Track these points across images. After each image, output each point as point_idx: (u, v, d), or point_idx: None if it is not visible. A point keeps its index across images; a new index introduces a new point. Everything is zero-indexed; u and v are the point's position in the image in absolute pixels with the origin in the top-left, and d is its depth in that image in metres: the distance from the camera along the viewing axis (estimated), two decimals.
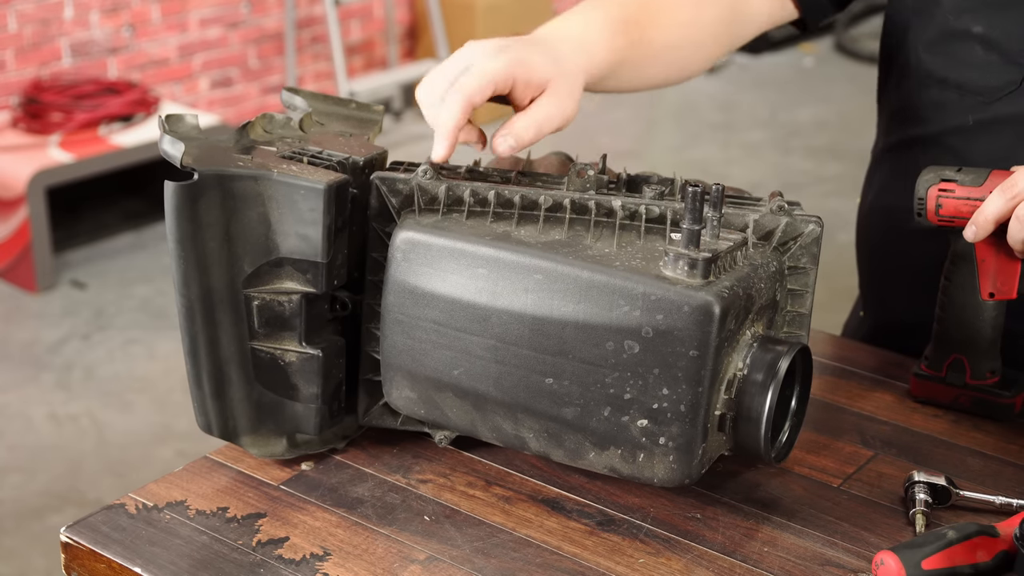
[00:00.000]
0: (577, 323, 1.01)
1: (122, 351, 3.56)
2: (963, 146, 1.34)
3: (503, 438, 1.08)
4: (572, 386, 1.02)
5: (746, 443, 1.03)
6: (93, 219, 4.28)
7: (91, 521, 1.07)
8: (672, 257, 1.00)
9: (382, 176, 1.11)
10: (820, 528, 1.08)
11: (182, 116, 1.10)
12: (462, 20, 5.17)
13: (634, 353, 1.00)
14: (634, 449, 1.02)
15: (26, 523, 2.83)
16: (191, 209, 1.05)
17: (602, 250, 1.04)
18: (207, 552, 1.04)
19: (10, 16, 4.19)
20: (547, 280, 1.02)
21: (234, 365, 1.10)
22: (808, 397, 1.09)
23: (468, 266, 1.04)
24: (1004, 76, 1.30)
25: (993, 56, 1.30)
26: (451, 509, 1.10)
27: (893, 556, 0.99)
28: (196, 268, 1.06)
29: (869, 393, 1.29)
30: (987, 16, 1.30)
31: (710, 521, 1.09)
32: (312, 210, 1.06)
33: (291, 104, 1.21)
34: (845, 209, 3.78)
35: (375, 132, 1.21)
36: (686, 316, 0.98)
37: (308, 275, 1.09)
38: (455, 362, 1.06)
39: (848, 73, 5.96)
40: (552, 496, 1.12)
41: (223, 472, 1.14)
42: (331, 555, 1.04)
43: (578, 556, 1.04)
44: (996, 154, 1.30)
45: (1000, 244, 1.19)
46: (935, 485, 1.10)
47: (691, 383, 0.99)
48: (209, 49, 4.74)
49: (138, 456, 3.09)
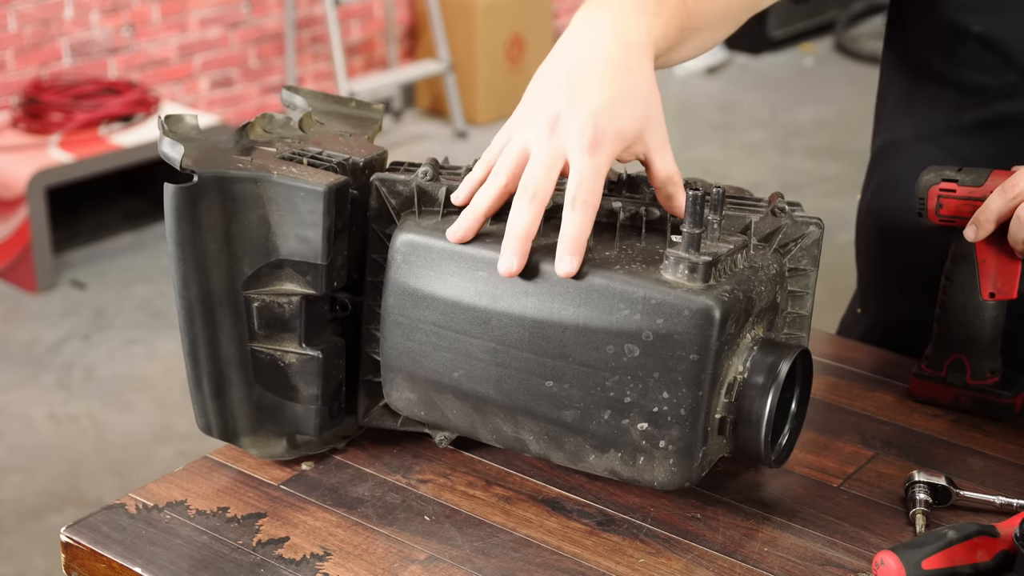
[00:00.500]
0: (577, 326, 1.01)
1: (122, 351, 3.56)
2: (960, 146, 1.34)
3: (503, 440, 1.08)
4: (572, 389, 1.02)
5: (746, 446, 1.03)
6: (93, 219, 4.28)
7: (91, 521, 1.07)
8: (672, 261, 1.00)
9: (382, 177, 1.10)
10: (820, 528, 1.08)
11: (181, 117, 1.10)
12: (462, 20, 5.17)
13: (634, 356, 1.00)
14: (634, 452, 1.02)
15: (26, 523, 2.83)
16: (191, 211, 1.05)
17: (602, 253, 1.04)
18: (207, 552, 1.04)
19: (10, 16, 4.19)
20: (547, 283, 1.02)
21: (234, 366, 1.10)
22: (808, 400, 1.09)
23: (468, 268, 1.04)
24: (1002, 77, 1.30)
25: (992, 56, 1.30)
26: (451, 509, 1.10)
27: (893, 556, 0.99)
28: (196, 270, 1.06)
29: (869, 393, 1.29)
30: (987, 16, 1.30)
31: (710, 521, 1.09)
32: (312, 212, 1.06)
33: (291, 103, 1.21)
34: (845, 209, 3.78)
35: (375, 131, 1.21)
36: (686, 320, 0.98)
37: (308, 277, 1.09)
38: (455, 364, 1.06)
39: (848, 73, 5.96)
40: (552, 496, 1.12)
41: (223, 472, 1.14)
42: (331, 555, 1.04)
43: (578, 556, 1.04)
44: (993, 155, 1.30)
45: (1001, 244, 1.19)
46: (935, 485, 1.10)
47: (691, 386, 0.99)
48: (209, 49, 4.74)
49: (138, 456, 3.09)
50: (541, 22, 5.43)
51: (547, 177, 1.00)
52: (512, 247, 1.00)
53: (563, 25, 5.93)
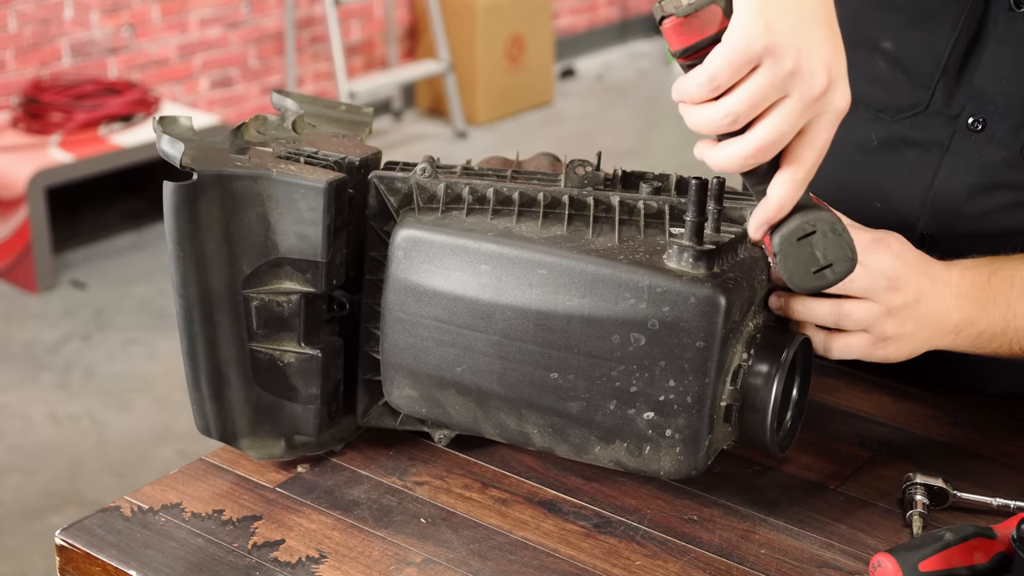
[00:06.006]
0: (583, 317, 1.01)
1: (122, 351, 3.56)
2: (866, 164, 1.32)
3: (506, 434, 1.08)
4: (577, 380, 1.03)
5: (752, 433, 1.04)
6: (93, 219, 4.28)
7: (86, 524, 1.07)
8: (676, 250, 1.01)
9: (380, 175, 1.11)
10: (817, 530, 1.08)
11: (176, 118, 1.10)
12: (462, 20, 5.17)
13: (640, 346, 1.00)
14: (640, 442, 1.03)
15: (26, 523, 2.83)
16: (190, 209, 1.05)
17: (604, 244, 1.04)
18: (202, 555, 1.04)
19: (10, 16, 4.19)
20: (552, 275, 1.02)
21: (233, 367, 1.10)
22: (808, 388, 1.10)
23: (471, 262, 1.05)
24: (910, 97, 1.28)
25: (899, 75, 1.28)
26: (447, 511, 1.10)
27: (890, 558, 0.98)
28: (195, 269, 1.06)
29: (867, 394, 1.29)
30: (897, 33, 1.28)
31: (707, 523, 1.09)
32: (312, 209, 1.06)
33: (282, 106, 1.21)
34: None
35: (366, 133, 1.21)
36: (692, 307, 0.99)
37: (307, 275, 1.09)
38: (458, 359, 1.06)
39: None
40: (549, 498, 1.12)
41: (219, 474, 1.14)
42: (327, 558, 1.03)
43: (575, 558, 1.04)
44: (898, 176, 1.29)
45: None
46: (932, 487, 1.10)
47: (698, 374, 1.00)
48: (209, 49, 4.74)
49: (138, 456, 3.09)
50: (541, 22, 5.43)
51: None
52: None
53: (563, 25, 5.93)
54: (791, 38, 0.91)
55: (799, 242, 0.98)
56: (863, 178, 1.31)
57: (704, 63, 0.91)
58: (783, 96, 0.92)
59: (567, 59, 5.95)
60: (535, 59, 5.40)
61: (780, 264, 0.98)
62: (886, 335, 1.12)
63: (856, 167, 1.32)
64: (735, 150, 0.94)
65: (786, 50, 0.90)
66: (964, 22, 1.24)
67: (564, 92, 5.65)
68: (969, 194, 1.26)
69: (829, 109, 0.94)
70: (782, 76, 0.91)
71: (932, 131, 1.27)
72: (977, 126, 1.25)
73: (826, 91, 0.93)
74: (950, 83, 1.26)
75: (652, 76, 5.88)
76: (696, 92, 0.92)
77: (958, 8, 1.24)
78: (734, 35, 0.90)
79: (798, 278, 0.99)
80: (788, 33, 0.90)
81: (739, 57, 0.90)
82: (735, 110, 0.92)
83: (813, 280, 0.99)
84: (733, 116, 0.92)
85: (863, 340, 1.12)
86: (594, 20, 6.13)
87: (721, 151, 0.95)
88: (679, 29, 0.92)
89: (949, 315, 1.13)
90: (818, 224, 0.98)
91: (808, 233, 0.98)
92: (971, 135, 1.25)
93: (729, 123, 0.92)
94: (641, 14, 6.30)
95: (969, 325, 1.14)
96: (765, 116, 0.93)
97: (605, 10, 6.16)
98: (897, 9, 1.28)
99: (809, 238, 0.98)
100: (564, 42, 5.92)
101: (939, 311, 1.13)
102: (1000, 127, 1.24)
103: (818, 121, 0.94)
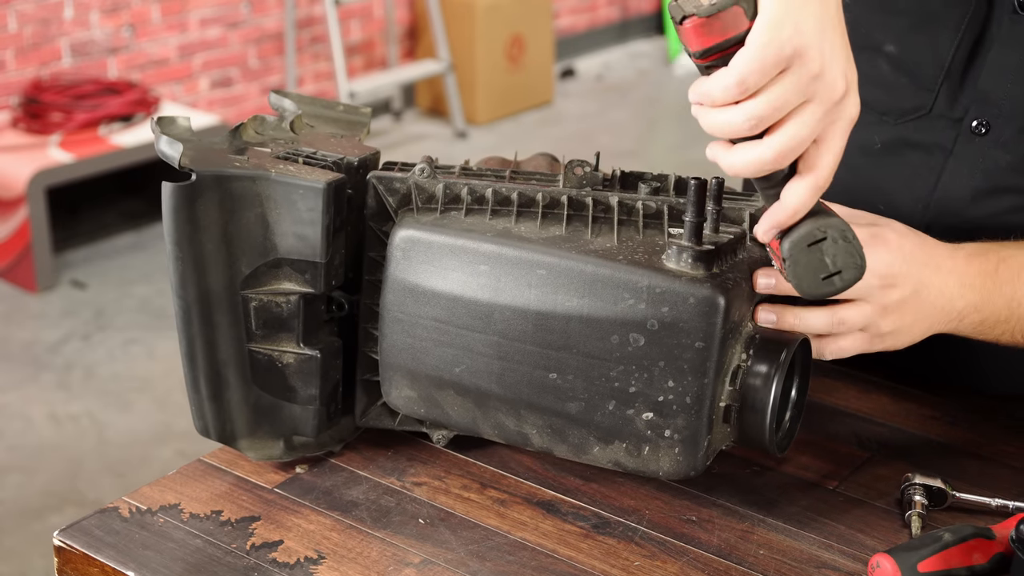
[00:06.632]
0: (582, 317, 1.02)
1: (122, 351, 3.56)
2: (869, 167, 1.31)
3: (505, 435, 1.08)
4: (576, 381, 1.03)
5: (751, 434, 1.04)
6: (93, 219, 4.28)
7: (84, 525, 1.07)
8: (675, 250, 1.01)
9: (379, 175, 1.11)
10: (816, 530, 1.08)
11: (174, 119, 1.10)
12: (462, 20, 5.17)
13: (639, 346, 1.00)
14: (639, 443, 1.03)
15: (26, 523, 2.83)
16: (189, 210, 1.05)
17: (603, 245, 1.04)
18: (201, 556, 1.03)
19: (10, 16, 4.19)
20: (551, 275, 1.02)
21: (232, 367, 1.10)
22: (807, 388, 1.10)
23: (470, 263, 1.05)
24: (914, 100, 1.27)
25: (902, 78, 1.28)
26: (446, 512, 1.09)
27: (889, 559, 0.98)
28: (194, 269, 1.06)
29: (865, 395, 1.29)
30: (900, 36, 1.27)
31: (705, 524, 1.09)
32: (311, 210, 1.06)
33: (280, 107, 1.21)
34: None
35: (364, 134, 1.21)
36: (692, 308, 0.99)
37: (306, 275, 1.09)
38: (457, 359, 1.06)
39: None
40: (547, 499, 1.11)
41: (217, 475, 1.14)
42: (325, 558, 1.03)
43: (573, 559, 1.04)
44: (902, 179, 1.29)
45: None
46: (931, 487, 1.10)
47: (697, 375, 1.00)
48: (209, 49, 4.74)
49: (138, 456, 3.09)
50: (541, 22, 5.43)
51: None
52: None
53: (563, 25, 5.93)
54: (817, 41, 0.90)
55: (809, 248, 0.97)
56: (866, 181, 1.31)
57: (731, 65, 0.89)
58: (805, 101, 0.91)
59: (567, 59, 5.95)
60: (535, 59, 5.39)
61: (789, 270, 0.98)
62: (883, 332, 1.11)
63: (859, 170, 1.31)
64: (754, 155, 0.93)
65: (813, 53, 0.90)
66: (967, 25, 1.24)
67: (564, 92, 5.65)
68: (973, 197, 1.26)
69: (844, 116, 0.93)
70: (807, 80, 0.90)
71: (936, 134, 1.27)
72: (981, 129, 1.24)
73: (843, 97, 0.92)
74: (954, 86, 1.25)
75: (652, 76, 5.88)
76: (721, 95, 0.90)
77: (961, 11, 1.24)
78: (765, 37, 0.88)
79: (806, 284, 0.98)
80: (814, 36, 0.90)
81: (771, 59, 0.89)
82: (759, 114, 0.90)
83: (821, 287, 0.99)
84: (756, 120, 0.90)
85: (858, 339, 1.12)
86: (594, 20, 6.13)
87: (738, 155, 0.94)
88: (700, 30, 0.89)
89: (953, 302, 1.12)
90: (828, 231, 0.97)
91: (819, 239, 0.97)
92: (975, 138, 1.25)
93: (751, 127, 0.91)
94: (641, 14, 6.30)
95: (973, 312, 1.13)
96: (786, 121, 0.91)
97: (605, 10, 6.16)
98: (900, 12, 1.28)
99: (819, 244, 0.97)
100: (564, 42, 5.92)
101: (942, 299, 1.12)
102: (1004, 130, 1.23)
103: (833, 128, 0.93)
